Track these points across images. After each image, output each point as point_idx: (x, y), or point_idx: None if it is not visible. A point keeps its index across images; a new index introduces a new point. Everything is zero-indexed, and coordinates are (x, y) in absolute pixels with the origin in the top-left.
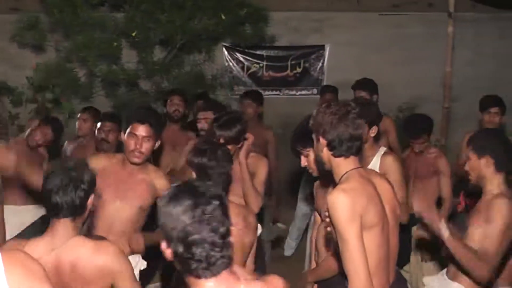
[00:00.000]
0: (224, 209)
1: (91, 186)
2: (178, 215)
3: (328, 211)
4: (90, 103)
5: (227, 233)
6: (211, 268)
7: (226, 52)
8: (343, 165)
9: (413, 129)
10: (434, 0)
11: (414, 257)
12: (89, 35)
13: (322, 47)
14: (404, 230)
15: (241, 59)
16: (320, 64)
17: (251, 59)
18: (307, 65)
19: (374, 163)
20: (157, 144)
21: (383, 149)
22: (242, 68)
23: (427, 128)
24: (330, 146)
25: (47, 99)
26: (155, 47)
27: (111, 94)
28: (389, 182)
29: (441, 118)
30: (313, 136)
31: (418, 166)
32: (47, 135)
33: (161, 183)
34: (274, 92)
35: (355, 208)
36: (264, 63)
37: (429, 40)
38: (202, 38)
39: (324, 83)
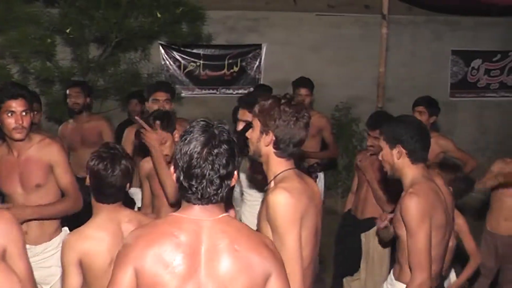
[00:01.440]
0: (231, 154)
1: None
2: (188, 147)
3: (266, 210)
4: None
5: (228, 176)
6: (201, 200)
7: (162, 51)
8: (281, 165)
9: (370, 120)
10: (370, 2)
11: (364, 264)
12: (22, 30)
13: (259, 46)
14: (354, 237)
15: (178, 57)
16: (257, 63)
17: (187, 57)
18: (244, 64)
19: None
20: (38, 117)
21: None
22: (179, 66)
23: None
24: (277, 145)
25: None
26: (91, 44)
27: (45, 91)
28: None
29: None
30: (257, 122)
31: (374, 170)
32: None
33: (49, 150)
34: (211, 91)
35: (297, 208)
36: (201, 62)
37: (365, 41)
38: (138, 36)
39: (261, 82)
